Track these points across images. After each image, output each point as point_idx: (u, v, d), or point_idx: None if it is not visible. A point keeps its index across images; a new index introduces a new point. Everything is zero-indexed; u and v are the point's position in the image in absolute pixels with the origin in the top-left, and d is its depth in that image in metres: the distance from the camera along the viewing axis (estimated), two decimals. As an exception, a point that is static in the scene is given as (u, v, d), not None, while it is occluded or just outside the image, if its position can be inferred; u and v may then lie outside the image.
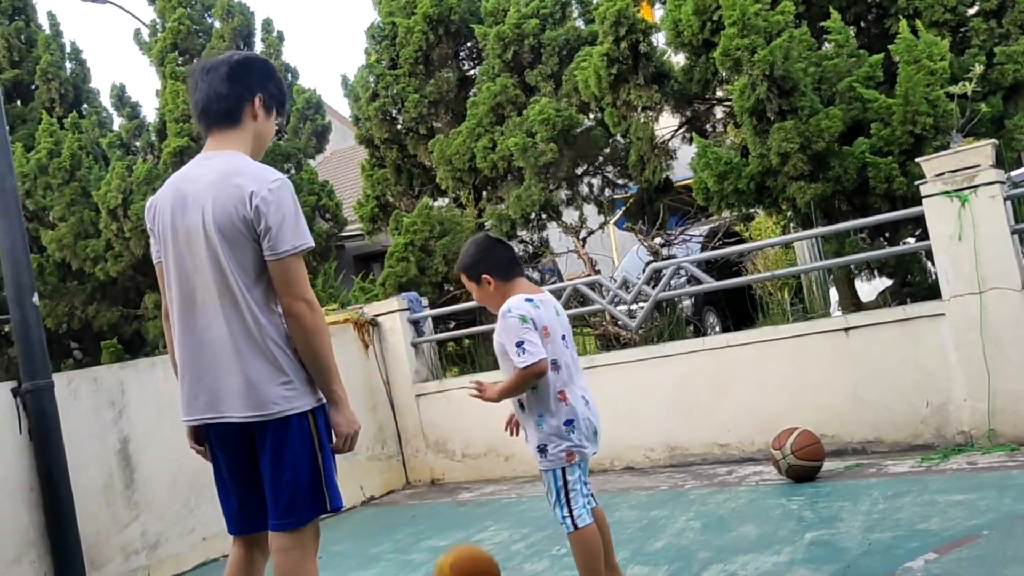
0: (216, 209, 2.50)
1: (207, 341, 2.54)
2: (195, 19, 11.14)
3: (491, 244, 3.23)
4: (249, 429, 2.57)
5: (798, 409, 5.14)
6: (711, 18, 6.39)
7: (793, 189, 6.08)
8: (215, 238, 2.50)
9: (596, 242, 9.90)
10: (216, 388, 2.55)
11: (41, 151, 10.35)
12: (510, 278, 3.15)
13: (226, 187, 2.51)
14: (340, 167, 18.96)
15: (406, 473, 6.76)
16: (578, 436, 3.02)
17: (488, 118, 8.16)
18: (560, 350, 3.06)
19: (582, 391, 3.10)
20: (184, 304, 2.59)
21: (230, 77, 2.66)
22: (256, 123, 2.69)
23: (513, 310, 3.01)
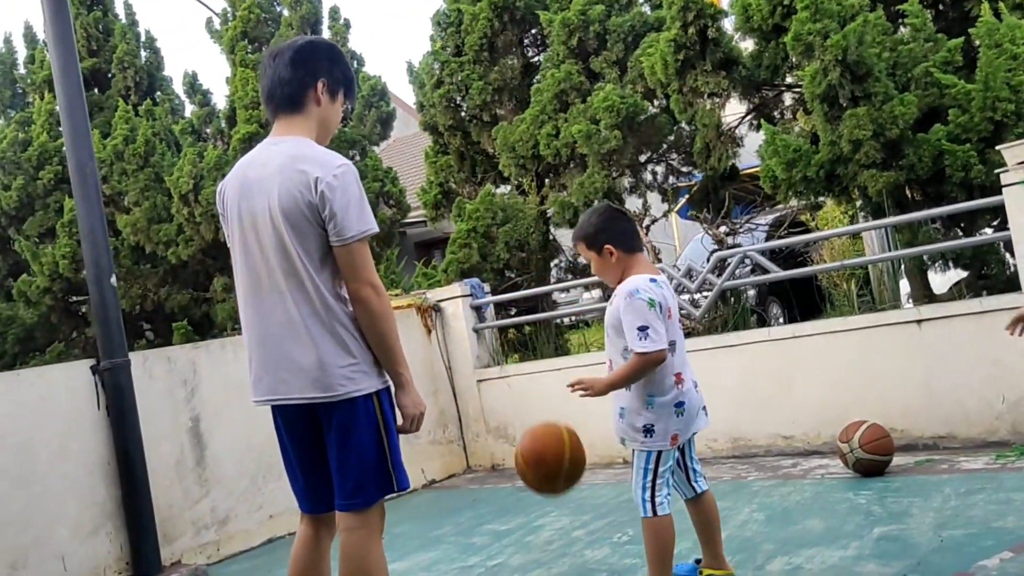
0: (282, 194, 2.53)
1: (274, 323, 2.59)
2: (264, 7, 11.32)
3: (615, 214, 3.13)
4: (315, 410, 2.61)
5: (866, 402, 5.03)
6: (782, 2, 6.27)
7: (865, 177, 5.93)
8: (281, 223, 2.53)
9: (659, 230, 9.82)
10: (282, 369, 2.58)
11: (117, 138, 10.66)
12: (632, 251, 3.06)
13: (291, 172, 2.54)
14: (403, 154, 19.13)
15: (467, 457, 6.82)
16: (685, 420, 2.98)
17: (552, 105, 8.13)
18: (677, 331, 3.02)
19: (692, 376, 3.06)
20: (251, 287, 2.63)
21: (293, 62, 2.67)
22: (320, 108, 2.69)
23: (642, 292, 2.91)
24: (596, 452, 6.09)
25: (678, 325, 3.07)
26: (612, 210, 3.16)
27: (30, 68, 12.76)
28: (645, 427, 2.96)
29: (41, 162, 11.51)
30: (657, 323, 2.88)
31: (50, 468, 4.44)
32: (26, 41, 13.03)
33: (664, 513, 2.96)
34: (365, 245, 2.56)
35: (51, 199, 11.45)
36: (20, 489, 4.31)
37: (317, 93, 2.68)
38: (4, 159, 11.52)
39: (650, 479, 2.97)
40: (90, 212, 4.75)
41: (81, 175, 4.73)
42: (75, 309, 11.46)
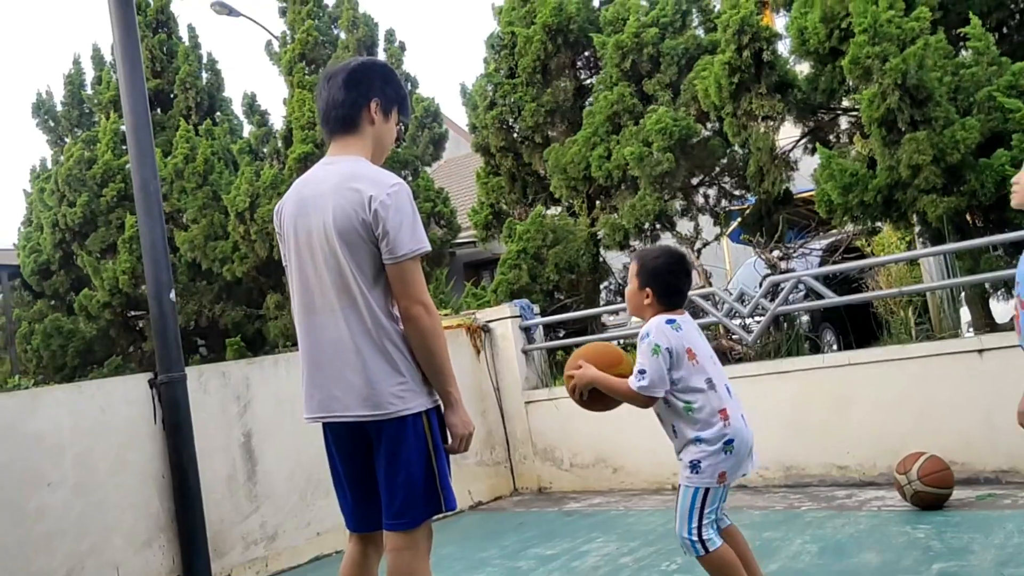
0: (336, 213, 2.57)
1: (326, 341, 2.62)
2: (322, 30, 11.56)
3: (680, 269, 3.08)
4: (364, 428, 2.61)
5: (925, 433, 4.90)
6: (839, 25, 6.20)
7: (924, 203, 5.81)
8: (335, 241, 2.57)
9: (710, 254, 9.73)
10: (333, 387, 2.61)
11: (178, 156, 10.95)
12: (670, 307, 3.03)
13: (345, 191, 2.58)
14: (454, 175, 19.28)
15: (513, 480, 6.80)
16: (735, 458, 2.91)
17: (604, 127, 8.14)
18: (712, 369, 2.97)
19: (740, 410, 3.00)
20: (305, 304, 2.67)
21: (347, 84, 2.72)
22: (374, 128, 2.74)
23: (651, 336, 2.93)
24: (643, 478, 6.03)
25: (713, 362, 3.01)
26: (681, 264, 3.10)
27: (97, 89, 13.18)
28: (692, 463, 2.91)
29: (105, 180, 11.86)
30: (657, 368, 2.88)
31: (108, 479, 4.53)
32: (94, 63, 13.48)
33: (716, 547, 2.90)
34: (417, 263, 2.58)
35: (113, 216, 11.78)
36: (79, 498, 4.40)
37: (371, 113, 2.72)
38: (70, 176, 11.89)
39: (696, 521, 2.89)
40: (152, 228, 4.86)
41: (144, 192, 4.86)
42: (133, 323, 11.75)
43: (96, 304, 11.18)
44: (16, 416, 4.30)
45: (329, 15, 11.80)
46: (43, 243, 12.31)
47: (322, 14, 11.71)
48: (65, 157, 12.18)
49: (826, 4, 6.23)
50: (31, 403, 4.40)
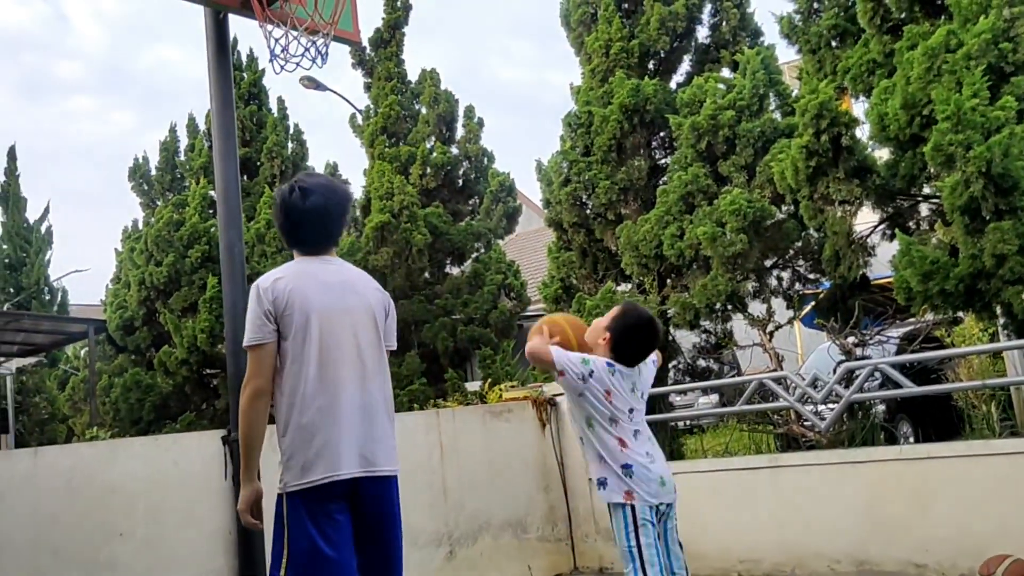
0: (374, 302, 3.12)
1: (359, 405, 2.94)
2: (404, 105, 11.99)
3: (642, 335, 3.43)
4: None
5: (1010, 534, 4.66)
6: (920, 112, 6.16)
7: (1009, 294, 5.65)
8: (376, 323, 3.10)
9: (782, 338, 9.57)
10: (374, 445, 2.97)
11: (260, 221, 11.36)
12: (617, 359, 3.38)
13: (375, 290, 3.17)
14: (525, 249, 19.50)
15: (574, 558, 6.67)
16: (635, 482, 3.28)
17: (678, 206, 8.18)
18: (619, 410, 3.35)
19: (646, 450, 3.38)
20: (347, 372, 2.95)
21: (345, 211, 3.22)
22: None
23: (587, 357, 3.35)
24: (708, 563, 5.85)
25: (626, 410, 3.37)
26: (646, 327, 3.43)
27: (189, 156, 13.85)
28: (599, 480, 3.36)
29: (191, 241, 12.36)
30: (570, 358, 3.30)
31: (176, 532, 4.61)
32: (188, 131, 14.19)
33: None
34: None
35: (196, 276, 12.22)
36: (146, 550, 4.49)
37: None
38: (159, 237, 12.42)
39: (634, 541, 3.21)
40: (234, 289, 5.04)
41: (230, 254, 5.06)
42: (208, 381, 12.05)
43: (175, 361, 11.53)
44: (94, 466, 4.44)
45: (412, 91, 12.24)
46: (129, 300, 12.81)
47: (405, 90, 12.16)
48: (156, 219, 12.76)
49: (907, 91, 6.22)
50: (109, 454, 4.54)
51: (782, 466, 5.74)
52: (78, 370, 15.06)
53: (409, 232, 10.49)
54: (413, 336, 11.50)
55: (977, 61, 5.84)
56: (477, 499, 6.12)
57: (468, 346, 10.79)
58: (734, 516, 5.74)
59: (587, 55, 9.63)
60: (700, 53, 9.84)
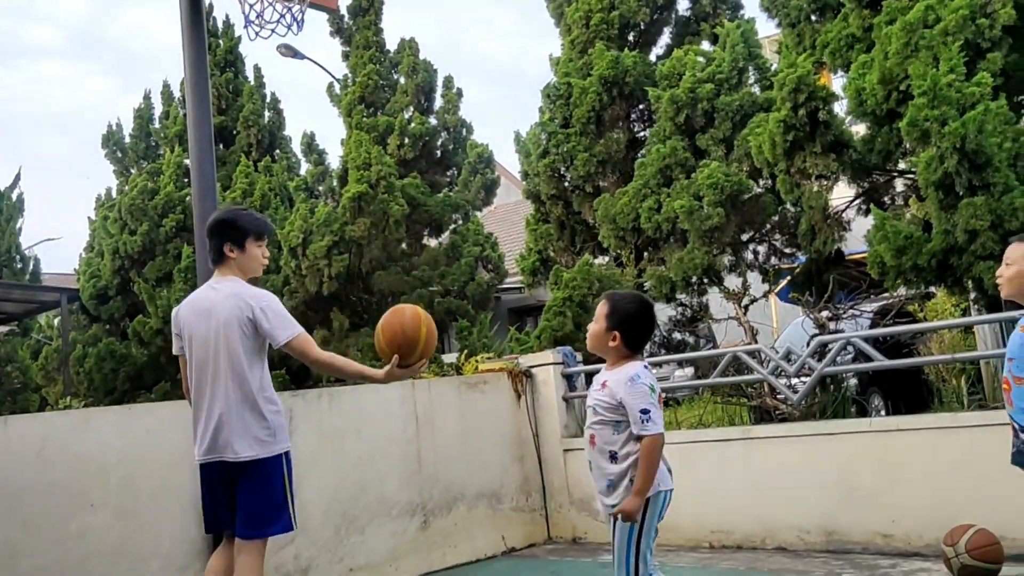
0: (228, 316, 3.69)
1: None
2: (383, 75, 11.86)
3: (645, 314, 3.27)
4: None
5: (975, 505, 4.74)
6: (898, 88, 6.19)
7: (980, 269, 5.72)
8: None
9: (757, 311, 9.64)
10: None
11: (236, 191, 11.25)
12: (633, 351, 3.23)
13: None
14: (504, 221, 19.46)
15: (548, 528, 6.72)
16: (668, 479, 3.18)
17: (656, 179, 8.18)
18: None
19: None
20: None
21: (209, 234, 3.85)
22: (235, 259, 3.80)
23: (643, 377, 3.12)
24: (681, 534, 5.92)
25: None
26: (646, 309, 3.28)
27: (164, 123, 13.66)
28: (609, 483, 3.19)
29: (166, 210, 12.22)
30: (657, 409, 3.11)
31: (150, 503, 4.60)
32: (163, 99, 13.98)
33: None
34: None
35: (171, 246, 12.10)
36: (119, 521, 4.47)
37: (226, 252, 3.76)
38: (133, 206, 12.27)
39: (635, 544, 3.13)
40: (207, 259, 4.98)
41: (203, 224, 4.99)
42: (183, 351, 11.96)
43: (149, 331, 11.44)
44: (66, 435, 4.40)
45: (390, 60, 12.11)
46: (103, 269, 12.67)
47: (383, 59, 12.02)
48: (130, 187, 12.60)
49: (885, 66, 6.24)
50: (82, 423, 4.51)
51: (755, 438, 5.80)
52: (51, 339, 14.91)
53: (386, 203, 10.43)
54: (390, 307, 11.46)
55: (954, 37, 5.86)
56: (452, 470, 6.14)
57: (445, 318, 10.77)
58: (707, 487, 5.79)
59: (567, 26, 9.58)
60: (680, 25, 9.82)
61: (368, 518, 5.59)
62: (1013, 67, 6.11)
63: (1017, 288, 3.21)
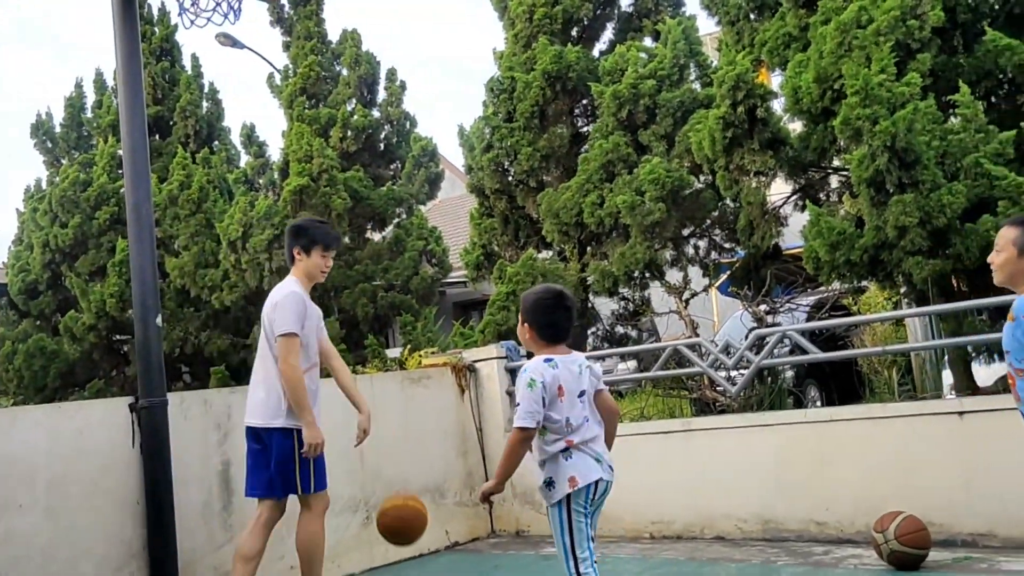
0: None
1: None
2: (324, 66, 11.68)
3: (553, 305, 3.26)
4: None
5: (904, 493, 4.90)
6: (832, 86, 6.32)
7: (910, 264, 5.88)
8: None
9: (698, 305, 9.78)
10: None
11: (173, 183, 10.99)
12: (550, 342, 3.23)
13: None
14: (448, 215, 19.40)
15: (492, 522, 6.74)
16: (574, 463, 3.10)
17: (598, 174, 8.24)
18: (573, 408, 3.15)
19: (594, 444, 3.17)
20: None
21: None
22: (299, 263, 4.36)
23: (529, 370, 3.15)
24: (622, 525, 5.99)
25: (582, 405, 3.17)
26: (557, 300, 3.27)
27: (97, 113, 13.27)
28: (546, 481, 3.16)
29: (98, 203, 11.88)
30: (532, 403, 3.08)
31: (81, 503, 4.48)
32: (96, 87, 13.58)
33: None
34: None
35: (104, 239, 11.78)
36: (49, 522, 4.35)
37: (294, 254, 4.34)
38: (64, 198, 11.91)
39: (569, 542, 3.09)
40: (142, 252, 4.87)
41: (137, 216, 4.88)
42: (117, 347, 11.68)
43: (82, 326, 11.13)
44: (-7, 434, 4.26)
45: (332, 51, 11.95)
46: (32, 263, 12.27)
47: (325, 50, 11.85)
48: (61, 178, 12.22)
49: (820, 65, 6.36)
50: (8, 423, 4.37)
51: (694, 430, 5.90)
52: (-22, 336, 14.39)
53: (328, 196, 10.28)
54: (333, 302, 11.34)
55: (886, 37, 6.01)
56: (394, 465, 6.11)
57: (389, 312, 10.68)
58: (648, 479, 5.87)
59: (511, 20, 9.57)
60: (623, 21, 9.88)
61: (309, 515, 5.52)
62: (941, 68, 6.28)
63: (1007, 275, 3.11)
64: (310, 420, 4.13)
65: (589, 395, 3.24)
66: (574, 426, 3.15)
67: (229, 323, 11.05)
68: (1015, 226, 3.12)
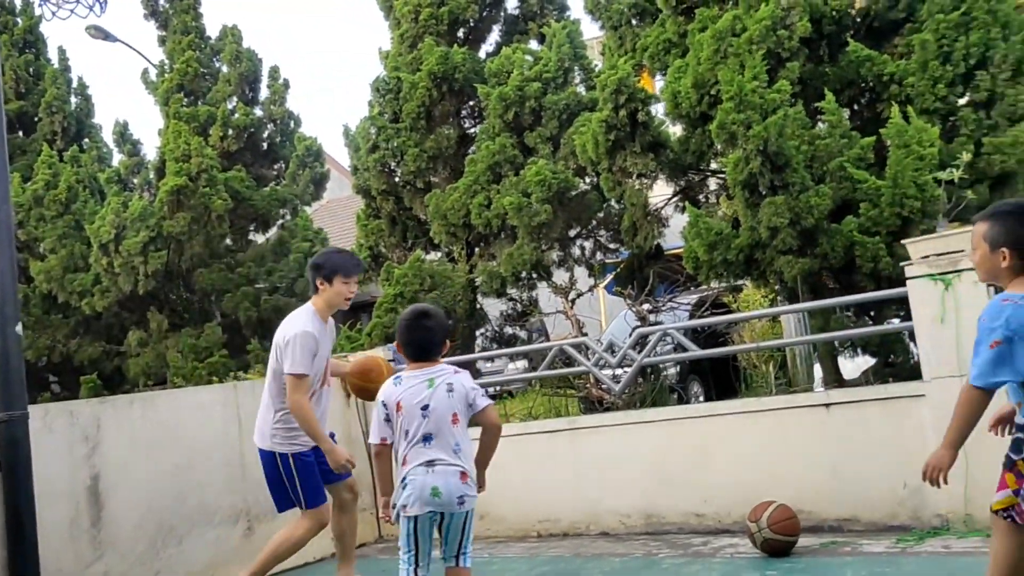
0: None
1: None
2: (203, 62, 11.32)
3: (410, 326, 3.41)
4: None
5: (777, 483, 5.10)
6: (709, 92, 6.53)
7: (781, 263, 6.14)
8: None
9: (585, 305, 9.95)
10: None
11: (38, 182, 10.42)
12: (412, 360, 3.38)
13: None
14: (336, 216, 19.08)
15: (379, 527, 6.65)
16: (407, 496, 3.25)
17: (485, 176, 8.26)
18: (413, 422, 3.28)
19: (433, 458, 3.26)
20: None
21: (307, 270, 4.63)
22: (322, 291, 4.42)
23: (381, 392, 3.38)
24: (508, 525, 6.02)
25: (420, 415, 3.29)
26: (412, 320, 3.42)
27: (-47, 106, 12.43)
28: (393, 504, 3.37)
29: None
30: (376, 423, 3.35)
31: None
32: (-49, 79, 12.72)
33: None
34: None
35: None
36: None
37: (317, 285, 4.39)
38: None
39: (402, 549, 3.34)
40: (0, 256, 4.58)
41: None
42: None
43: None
44: None
45: (211, 47, 11.58)
46: None
47: (204, 46, 11.48)
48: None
49: (698, 71, 6.57)
50: None
51: (580, 428, 5.98)
52: None
53: (208, 197, 9.96)
54: (214, 307, 10.99)
55: (758, 46, 6.25)
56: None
57: (273, 316, 10.43)
58: (535, 478, 5.91)
59: (396, 20, 9.50)
60: (509, 24, 9.95)
61: (187, 527, 5.33)
62: (809, 76, 6.58)
63: (986, 272, 2.89)
64: (328, 447, 4.24)
65: (441, 411, 3.30)
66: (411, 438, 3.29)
67: (101, 329, 10.55)
68: (983, 220, 2.89)
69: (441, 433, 3.29)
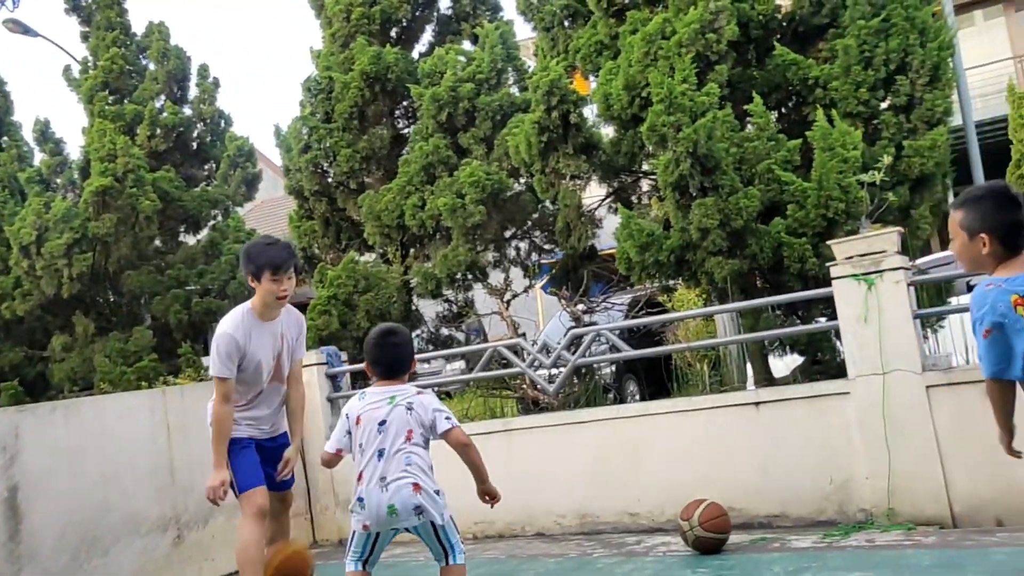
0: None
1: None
2: (129, 60, 11.02)
3: (373, 344, 3.51)
4: None
5: (709, 481, 5.18)
6: (640, 94, 6.59)
7: (711, 264, 6.23)
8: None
9: (522, 305, 9.97)
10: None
11: (-45, 183, 10.00)
12: (379, 377, 3.48)
13: None
14: (271, 216, 18.78)
15: (313, 531, 6.58)
16: (367, 513, 3.33)
17: (419, 177, 8.22)
18: (369, 437, 3.36)
19: (385, 474, 3.32)
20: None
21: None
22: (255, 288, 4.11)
23: (347, 405, 3.49)
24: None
25: (376, 431, 3.36)
26: (376, 338, 3.52)
27: None
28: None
29: None
30: (336, 431, 3.47)
31: None
32: None
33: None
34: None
35: None
36: None
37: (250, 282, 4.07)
38: None
39: (348, 554, 3.45)
40: None
41: (-100, 221, 4.38)
42: None
43: None
44: None
45: (137, 44, 11.27)
46: None
47: (129, 42, 11.17)
48: None
49: (629, 73, 6.63)
50: None
51: (514, 429, 5.99)
52: None
53: (136, 197, 9.70)
54: (143, 310, 10.71)
55: (687, 49, 6.33)
56: (208, 479, 5.83)
57: (204, 319, 10.21)
58: (470, 480, 5.88)
59: (327, 19, 9.39)
60: (442, 24, 9.92)
61: (113, 538, 5.19)
62: (737, 79, 6.69)
63: (968, 261, 2.76)
64: (217, 461, 4.03)
65: (397, 427, 3.36)
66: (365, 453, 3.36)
67: (23, 334, 10.19)
68: (958, 208, 2.75)
69: (394, 448, 3.34)
